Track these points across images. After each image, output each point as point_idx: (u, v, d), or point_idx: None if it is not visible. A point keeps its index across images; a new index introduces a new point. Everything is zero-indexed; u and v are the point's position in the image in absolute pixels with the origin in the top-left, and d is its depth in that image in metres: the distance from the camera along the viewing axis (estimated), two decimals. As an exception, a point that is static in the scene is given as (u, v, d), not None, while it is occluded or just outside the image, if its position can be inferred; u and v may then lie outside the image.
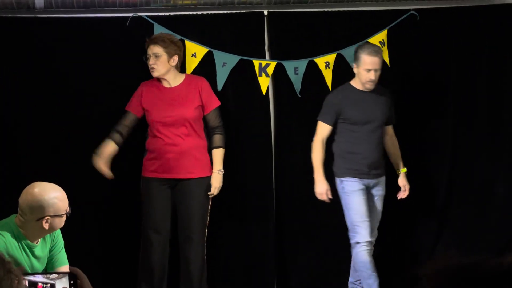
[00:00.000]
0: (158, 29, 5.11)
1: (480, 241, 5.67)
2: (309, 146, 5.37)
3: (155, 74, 4.81)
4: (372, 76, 4.89)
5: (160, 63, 4.79)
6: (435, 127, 5.63)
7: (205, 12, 5.24)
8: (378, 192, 5.04)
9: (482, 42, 5.61)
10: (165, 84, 4.87)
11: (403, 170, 5.14)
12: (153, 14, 5.15)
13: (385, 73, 5.43)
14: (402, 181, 5.13)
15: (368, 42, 5.08)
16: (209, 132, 4.94)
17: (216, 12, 5.26)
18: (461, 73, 5.60)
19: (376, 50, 4.91)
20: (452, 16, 5.54)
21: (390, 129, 5.16)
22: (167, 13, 5.19)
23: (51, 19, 5.03)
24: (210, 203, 4.95)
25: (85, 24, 5.08)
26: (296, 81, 5.33)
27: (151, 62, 4.80)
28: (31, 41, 5.02)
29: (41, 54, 5.03)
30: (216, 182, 4.88)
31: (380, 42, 5.40)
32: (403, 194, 5.13)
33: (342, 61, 5.36)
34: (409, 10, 5.46)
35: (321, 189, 4.95)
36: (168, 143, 4.79)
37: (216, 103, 4.92)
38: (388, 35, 5.42)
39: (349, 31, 5.40)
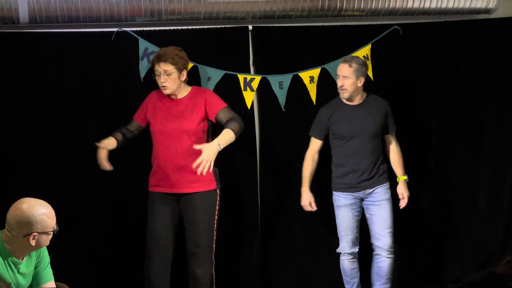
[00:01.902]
0: (143, 44, 5.12)
1: (464, 254, 5.73)
2: (294, 160, 5.41)
3: (167, 91, 4.78)
4: (339, 82, 5.02)
5: (172, 80, 4.76)
6: (418, 140, 5.68)
7: (190, 27, 5.25)
8: (376, 198, 5.06)
9: (463, 55, 5.67)
10: (172, 97, 4.85)
11: (401, 178, 5.19)
12: (138, 29, 5.15)
13: (369, 87, 5.49)
14: (399, 189, 5.18)
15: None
16: (226, 124, 4.74)
17: (201, 27, 5.27)
18: (443, 87, 5.66)
19: (346, 59, 5.03)
20: (434, 31, 5.61)
21: (389, 137, 5.21)
22: (152, 28, 5.19)
23: (36, 34, 5.01)
24: (217, 217, 4.87)
25: (70, 39, 5.06)
26: (281, 95, 5.35)
27: (162, 80, 4.76)
28: (16, 56, 5.00)
29: (26, 69, 5.02)
30: (207, 152, 4.49)
31: (364, 56, 5.44)
32: (403, 203, 5.17)
33: (326, 76, 5.40)
34: (392, 25, 5.51)
35: (304, 201, 5.13)
36: (168, 157, 4.76)
37: (222, 104, 4.83)
38: (372, 50, 5.47)
39: (333, 46, 5.44)
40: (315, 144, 5.14)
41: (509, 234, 5.77)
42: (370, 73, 5.46)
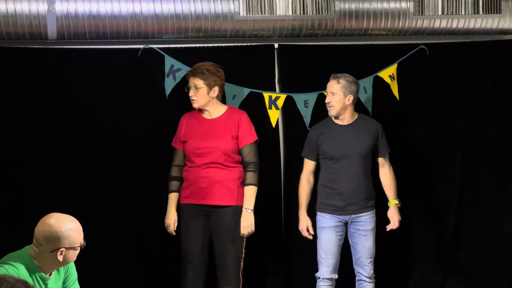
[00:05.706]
0: (169, 61, 5.15)
1: (489, 279, 5.66)
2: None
3: (195, 105, 4.83)
4: (327, 99, 4.94)
5: (200, 94, 4.79)
6: (444, 161, 5.65)
7: (215, 45, 5.26)
8: (362, 228, 4.92)
9: (489, 75, 5.64)
10: (206, 116, 4.87)
11: (392, 202, 5.01)
12: (164, 46, 5.18)
13: (395, 107, 5.47)
14: (389, 213, 5.01)
15: None
16: (244, 167, 4.87)
17: (227, 44, 5.29)
18: (470, 107, 5.63)
19: (335, 75, 4.95)
20: (461, 51, 5.58)
21: (381, 160, 5.04)
22: (179, 45, 5.21)
23: (64, 50, 5.05)
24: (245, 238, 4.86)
25: (97, 55, 5.10)
26: (306, 114, 5.34)
27: (191, 93, 4.80)
28: (44, 72, 5.05)
29: (54, 85, 5.06)
30: (245, 221, 4.78)
31: (390, 76, 5.42)
32: (390, 226, 5.02)
33: (352, 95, 5.38)
34: (418, 44, 5.50)
35: (302, 225, 4.99)
36: (201, 173, 4.78)
37: (252, 138, 4.86)
38: (398, 69, 5.45)
39: (359, 65, 5.43)
40: (308, 166, 5.01)
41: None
42: (396, 93, 5.45)
